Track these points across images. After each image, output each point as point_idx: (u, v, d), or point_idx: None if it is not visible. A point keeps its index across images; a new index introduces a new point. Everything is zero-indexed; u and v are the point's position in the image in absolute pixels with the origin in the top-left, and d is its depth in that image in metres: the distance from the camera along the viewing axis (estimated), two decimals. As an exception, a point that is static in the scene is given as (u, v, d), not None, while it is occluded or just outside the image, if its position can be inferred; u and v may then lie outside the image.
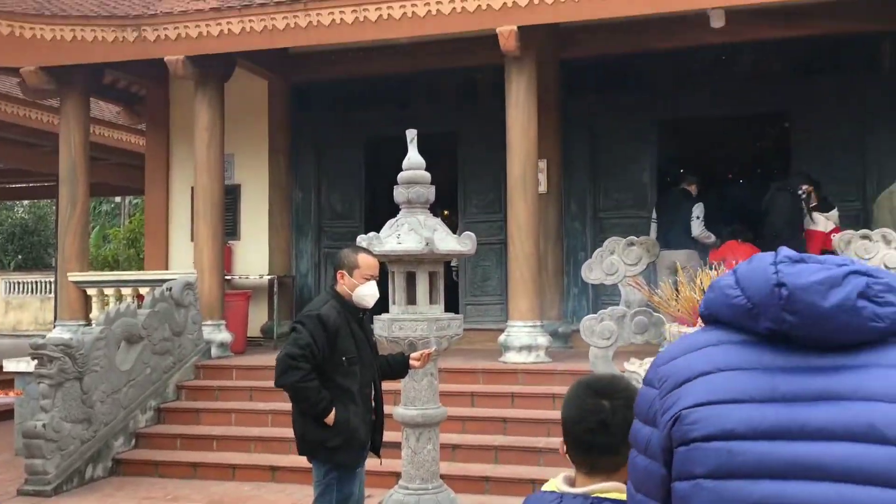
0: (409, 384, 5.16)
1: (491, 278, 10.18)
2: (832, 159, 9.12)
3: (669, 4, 7.46)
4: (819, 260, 1.24)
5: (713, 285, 1.33)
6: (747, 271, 1.28)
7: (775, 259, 1.26)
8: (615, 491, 1.72)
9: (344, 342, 4.04)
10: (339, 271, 4.12)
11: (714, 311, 1.32)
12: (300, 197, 10.84)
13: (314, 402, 3.93)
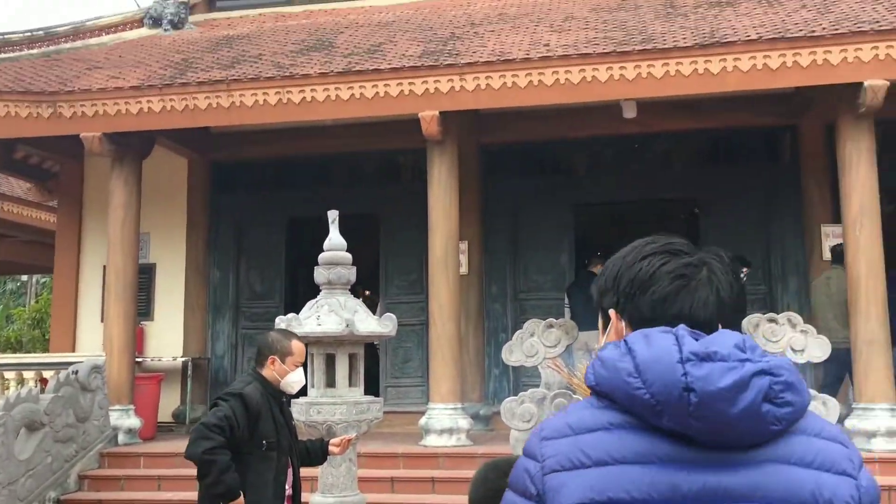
0: (327, 470, 5.02)
1: (412, 360, 10.09)
2: (738, 244, 9.47)
3: (581, 96, 7.76)
4: (724, 355, 1.17)
5: (606, 361, 1.22)
6: (651, 362, 1.18)
7: (682, 355, 1.17)
8: None
9: (265, 426, 3.91)
10: (270, 357, 3.99)
11: (608, 391, 1.22)
12: (218, 276, 10.63)
13: (221, 476, 3.67)
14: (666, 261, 1.34)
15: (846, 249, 7.63)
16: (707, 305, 1.30)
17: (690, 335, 1.22)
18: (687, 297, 1.30)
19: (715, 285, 1.32)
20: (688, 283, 1.31)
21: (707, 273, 1.32)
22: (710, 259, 1.35)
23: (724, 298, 1.31)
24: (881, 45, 7.08)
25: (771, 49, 7.27)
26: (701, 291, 1.31)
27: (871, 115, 7.42)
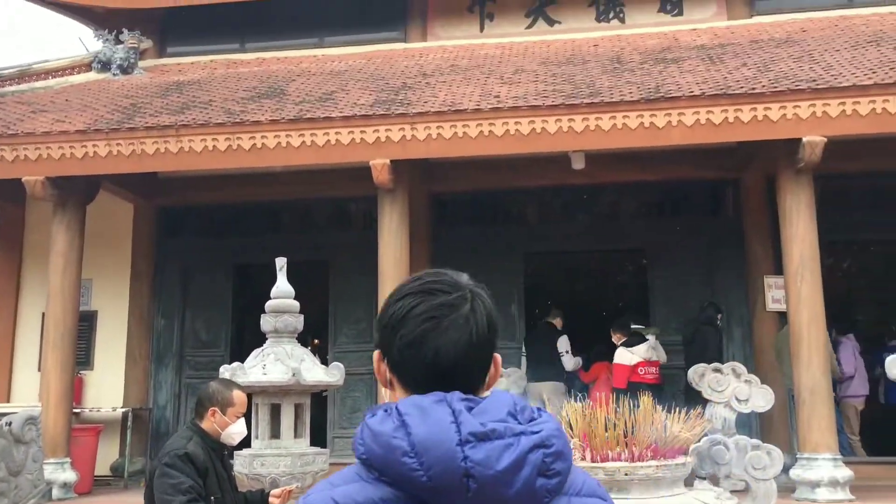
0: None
1: (360, 409, 9.93)
2: (685, 295, 9.64)
3: (531, 146, 7.87)
4: (501, 431, 1.14)
5: (378, 437, 1.16)
6: (429, 444, 1.13)
7: (461, 436, 1.13)
8: None
9: (210, 483, 3.76)
10: (210, 408, 3.84)
11: (378, 467, 1.15)
12: (162, 324, 10.39)
13: None
14: (419, 301, 1.28)
15: (788, 301, 7.79)
16: (457, 347, 1.25)
17: (465, 405, 1.18)
18: (435, 340, 1.25)
19: (471, 325, 1.27)
20: (437, 325, 1.26)
21: (466, 312, 1.28)
22: (473, 295, 1.31)
23: (478, 340, 1.27)
24: (818, 102, 7.34)
25: (714, 105, 7.49)
26: (451, 333, 1.26)
27: (811, 170, 7.65)
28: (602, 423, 4.51)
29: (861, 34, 8.96)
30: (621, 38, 10.19)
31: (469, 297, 1.30)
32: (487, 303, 1.33)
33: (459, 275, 1.35)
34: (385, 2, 10.91)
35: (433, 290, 1.30)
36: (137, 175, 9.00)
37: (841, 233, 9.27)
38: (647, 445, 4.43)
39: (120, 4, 10.96)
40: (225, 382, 4.04)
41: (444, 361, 1.24)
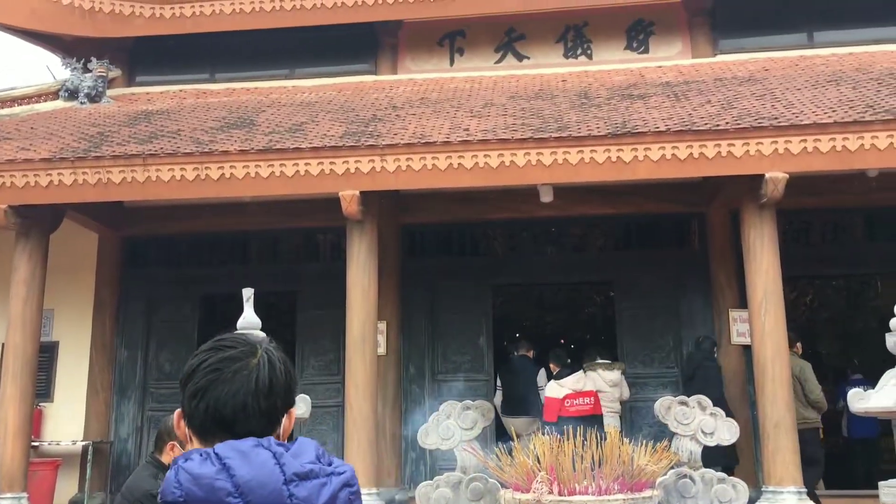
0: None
1: (327, 443, 9.82)
2: (651, 327, 9.72)
3: (500, 179, 7.93)
4: (317, 472, 1.26)
5: (199, 479, 1.21)
6: (255, 484, 1.20)
7: (285, 476, 1.23)
8: None
9: None
10: (169, 442, 3.71)
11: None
12: (125, 355, 10.22)
13: None
14: (208, 357, 1.40)
15: (752, 334, 7.88)
16: (236, 397, 1.35)
17: (283, 449, 1.28)
18: (215, 390, 1.35)
19: (253, 377, 1.37)
20: (219, 376, 1.36)
21: (252, 365, 1.39)
22: (262, 351, 1.42)
23: (261, 391, 1.37)
24: (780, 139, 7.50)
25: (679, 140, 7.61)
26: (232, 384, 1.35)
27: (774, 205, 7.79)
28: (569, 457, 4.51)
29: (821, 74, 9.20)
30: (588, 73, 10.36)
31: (256, 353, 1.41)
32: (276, 358, 1.44)
33: (255, 335, 1.48)
34: (356, 35, 11.00)
35: (222, 346, 1.42)
36: (103, 204, 8.91)
37: (803, 267, 9.43)
38: (614, 478, 4.44)
39: (89, 33, 10.92)
40: (170, 418, 3.92)
41: (224, 410, 1.33)
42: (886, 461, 9.46)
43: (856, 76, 8.92)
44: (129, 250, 10.44)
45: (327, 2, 10.57)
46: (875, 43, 10.17)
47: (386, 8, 10.54)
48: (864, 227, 9.64)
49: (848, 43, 10.23)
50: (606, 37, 10.77)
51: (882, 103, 7.74)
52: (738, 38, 10.53)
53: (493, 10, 10.51)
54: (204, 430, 1.35)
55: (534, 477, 4.42)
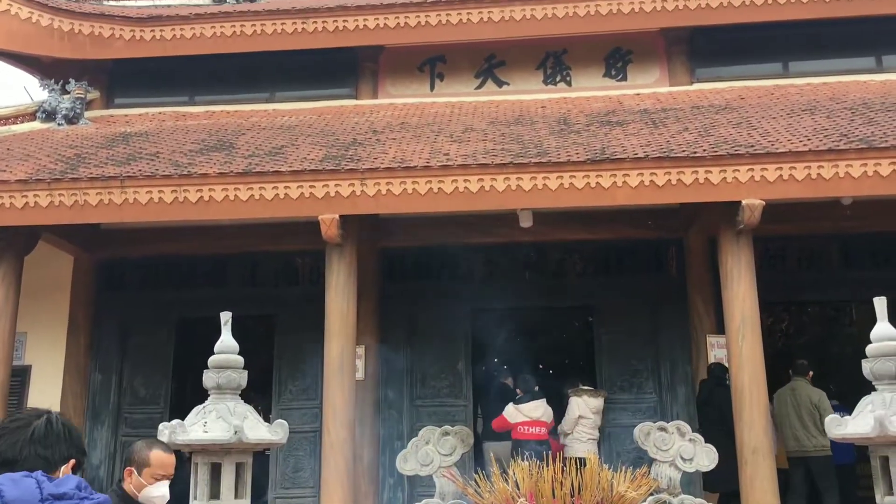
0: (207, 591, 4.69)
1: (303, 469, 9.71)
2: (630, 353, 9.74)
3: (480, 204, 7.95)
4: (70, 495, 1.75)
5: None
6: (19, 501, 1.69)
7: (42, 495, 1.73)
8: None
9: None
10: (126, 468, 3.61)
11: None
12: (99, 380, 10.07)
13: None
14: (3, 422, 2.10)
15: (730, 360, 7.92)
16: (15, 445, 2.00)
17: (46, 478, 1.77)
18: (3, 441, 2.01)
19: (30, 431, 2.05)
20: (5, 432, 2.05)
21: (34, 423, 2.08)
22: (44, 416, 2.14)
23: (35, 438, 2.03)
24: (756, 167, 7.59)
25: (657, 167, 7.69)
26: (14, 435, 2.03)
27: (750, 231, 7.87)
28: (549, 483, 4.49)
29: (796, 103, 9.34)
30: (568, 100, 10.45)
31: (40, 416, 2.12)
32: (55, 420, 2.16)
33: (47, 409, 2.16)
34: (337, 59, 11.03)
35: (15, 417, 2.13)
36: (79, 226, 8.82)
37: (780, 293, 9.50)
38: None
39: (68, 55, 10.87)
40: (149, 442, 3.83)
41: (6, 453, 1.98)
42: (862, 487, 9.50)
43: (830, 105, 9.06)
44: (104, 273, 10.33)
45: (308, 26, 10.61)
46: (848, 73, 10.36)
47: (366, 33, 10.59)
48: (839, 253, 9.75)
49: (822, 73, 10.41)
50: (585, 64, 10.88)
51: (856, 132, 7.87)
52: (715, 67, 10.68)
53: (473, 37, 10.59)
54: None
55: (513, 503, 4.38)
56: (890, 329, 4.55)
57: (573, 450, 8.13)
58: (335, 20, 10.59)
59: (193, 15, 10.73)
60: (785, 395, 8.59)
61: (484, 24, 10.45)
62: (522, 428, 8.35)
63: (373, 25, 10.54)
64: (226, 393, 5.02)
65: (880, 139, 7.60)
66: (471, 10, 10.46)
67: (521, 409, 8.46)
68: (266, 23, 10.65)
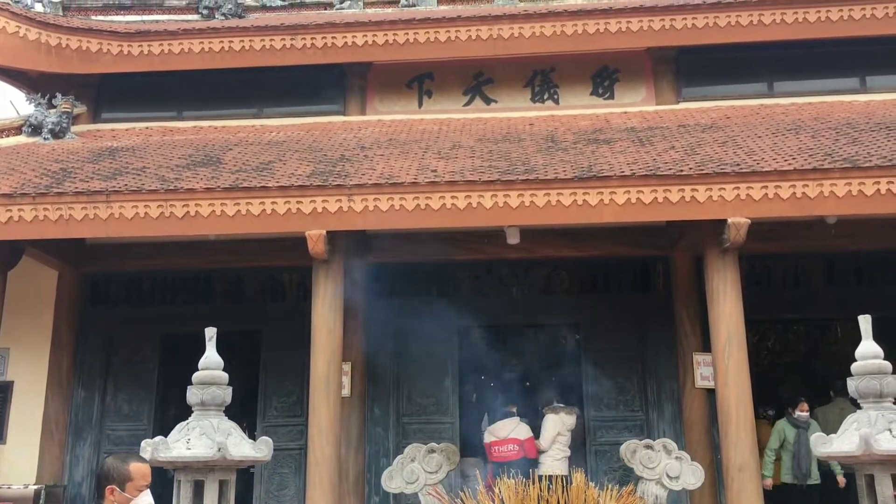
0: None
1: (288, 487, 9.63)
2: (617, 371, 9.73)
3: (467, 221, 7.94)
4: None
5: None
6: None
7: None
8: None
9: None
10: (107, 486, 3.56)
11: None
12: (82, 396, 9.97)
13: None
14: None
15: (716, 378, 7.93)
16: None
17: None
18: None
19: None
20: None
21: None
22: None
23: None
24: (742, 185, 7.63)
25: (643, 185, 7.72)
26: None
27: (736, 249, 7.91)
28: (535, 500, 4.47)
29: (781, 122, 9.42)
30: (555, 118, 10.50)
31: None
32: None
33: None
34: (325, 75, 11.05)
35: None
36: (64, 241, 8.76)
37: (765, 311, 9.54)
38: (579, 524, 4.40)
39: (55, 69, 10.83)
40: (121, 457, 3.80)
41: None
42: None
43: (815, 125, 9.14)
44: (89, 287, 10.26)
45: (297, 42, 10.63)
46: (833, 93, 10.47)
47: (355, 50, 10.62)
48: (824, 272, 9.80)
49: (807, 93, 10.51)
50: (573, 82, 10.95)
51: (840, 152, 7.94)
52: (702, 87, 10.76)
53: (461, 55, 10.64)
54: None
55: (499, 522, 4.35)
56: (874, 347, 4.57)
57: (547, 467, 8.10)
58: (323, 37, 10.61)
59: (181, 30, 10.73)
60: (832, 414, 8.77)
61: (472, 42, 10.50)
62: (494, 448, 8.36)
63: (361, 42, 10.58)
64: (210, 409, 4.98)
65: (864, 159, 7.67)
66: (459, 28, 10.51)
67: (492, 429, 8.52)
68: (255, 39, 10.66)
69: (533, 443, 8.47)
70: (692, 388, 9.28)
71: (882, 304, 8.74)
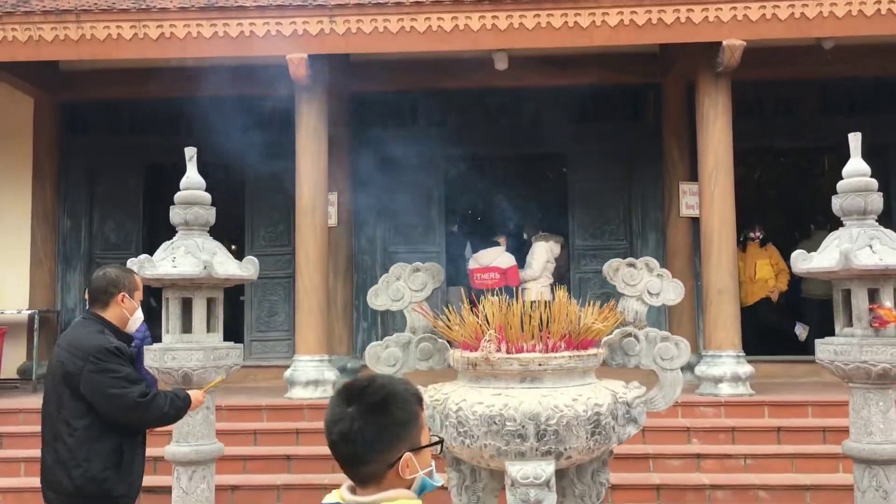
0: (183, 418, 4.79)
1: (278, 313, 9.85)
2: (602, 202, 9.77)
3: (453, 44, 7.66)
4: None
5: None
6: None
7: None
8: (402, 499, 1.61)
9: None
10: (119, 293, 3.62)
11: None
12: (69, 225, 9.98)
13: (167, 406, 3.55)
14: None
15: (701, 204, 7.97)
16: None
17: None
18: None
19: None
20: None
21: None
22: None
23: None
24: (739, 5, 7.34)
25: (637, 5, 7.41)
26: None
27: (729, 74, 7.72)
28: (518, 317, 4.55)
29: (784, -59, 8.94)
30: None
31: None
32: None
33: None
34: None
35: None
36: (37, 65, 8.46)
37: (755, 139, 9.44)
38: (560, 337, 4.50)
39: None
40: (121, 268, 3.85)
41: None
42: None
43: (819, -57, 8.70)
44: (68, 116, 10.01)
45: None
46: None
47: None
48: (818, 100, 9.64)
49: None
50: None
51: (843, -30, 7.59)
52: None
53: None
54: None
55: (482, 336, 4.45)
56: (862, 164, 4.53)
57: (533, 293, 8.28)
58: None
59: None
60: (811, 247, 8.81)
61: None
62: (476, 276, 8.52)
63: None
64: (194, 229, 4.96)
65: (868, -22, 7.35)
66: None
67: (476, 256, 8.65)
68: None
69: (515, 272, 8.60)
70: (677, 217, 9.35)
71: (874, 133, 8.66)
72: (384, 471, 1.63)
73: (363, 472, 1.64)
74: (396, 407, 1.65)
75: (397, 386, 1.69)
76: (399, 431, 1.64)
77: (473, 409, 4.36)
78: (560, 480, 4.60)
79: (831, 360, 4.49)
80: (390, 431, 1.62)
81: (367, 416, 1.62)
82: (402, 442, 1.64)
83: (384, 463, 1.62)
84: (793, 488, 6.04)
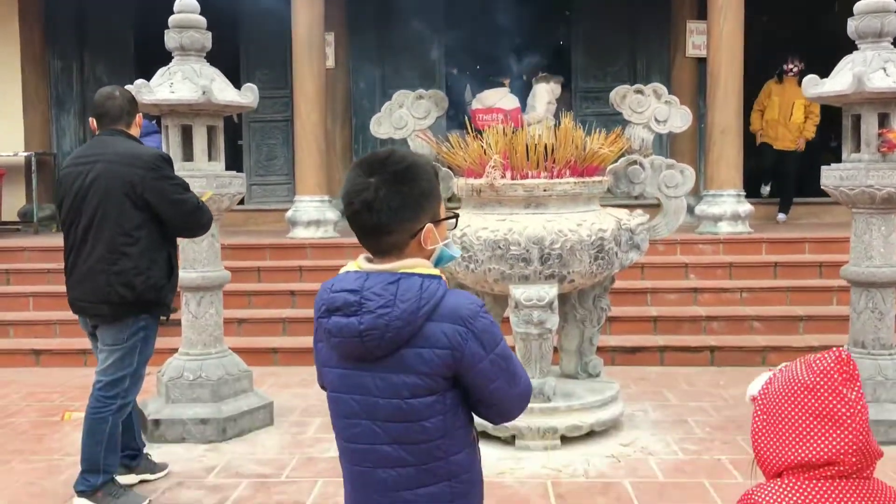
0: (189, 245, 4.83)
1: (277, 157, 9.79)
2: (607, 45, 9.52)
3: None
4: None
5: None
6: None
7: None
8: (421, 267, 1.63)
9: None
10: (138, 114, 3.90)
11: None
12: (59, 67, 9.74)
13: (211, 216, 3.92)
14: None
15: (709, 41, 7.75)
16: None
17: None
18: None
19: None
20: None
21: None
22: None
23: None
24: None
25: None
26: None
27: None
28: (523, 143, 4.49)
29: None
30: None
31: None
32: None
33: None
34: None
35: None
36: None
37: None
38: (565, 164, 4.46)
39: None
40: (118, 88, 3.98)
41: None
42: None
43: None
44: (48, -48, 9.56)
45: None
46: None
47: None
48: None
49: None
50: None
51: None
52: None
53: None
54: None
55: (487, 163, 4.41)
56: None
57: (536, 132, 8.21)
58: None
59: None
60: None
61: None
62: (478, 116, 8.39)
63: None
64: (190, 54, 4.81)
65: None
66: None
67: (480, 97, 8.48)
68: None
69: (519, 113, 8.46)
70: (682, 58, 9.13)
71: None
72: (406, 241, 1.64)
73: (385, 242, 1.64)
74: (420, 177, 1.64)
75: (418, 158, 1.70)
76: (422, 201, 1.63)
77: (478, 234, 4.38)
78: (562, 305, 4.68)
79: (836, 185, 4.47)
80: (415, 200, 1.62)
81: (392, 185, 1.61)
82: (425, 212, 1.64)
83: (407, 232, 1.63)
84: (787, 318, 6.18)
